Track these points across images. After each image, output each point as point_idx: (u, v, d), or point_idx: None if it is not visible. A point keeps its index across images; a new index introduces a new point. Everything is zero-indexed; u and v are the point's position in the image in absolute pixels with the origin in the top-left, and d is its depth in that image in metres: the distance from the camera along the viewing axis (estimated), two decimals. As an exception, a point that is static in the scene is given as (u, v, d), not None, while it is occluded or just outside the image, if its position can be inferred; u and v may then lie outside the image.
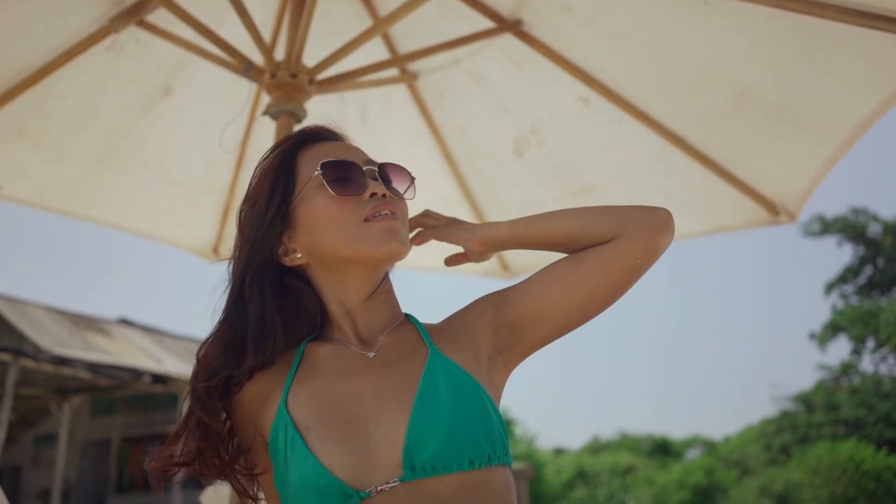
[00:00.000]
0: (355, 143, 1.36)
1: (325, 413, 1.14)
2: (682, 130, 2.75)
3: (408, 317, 1.33)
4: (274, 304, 1.24)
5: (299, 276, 1.29)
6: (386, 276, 1.30)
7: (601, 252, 1.23)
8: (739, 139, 2.67)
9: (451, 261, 1.41)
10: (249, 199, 1.30)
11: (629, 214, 1.24)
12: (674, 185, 2.99)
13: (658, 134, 2.78)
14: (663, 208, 1.25)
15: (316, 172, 1.23)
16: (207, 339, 1.23)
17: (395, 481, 1.06)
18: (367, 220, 1.20)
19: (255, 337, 1.20)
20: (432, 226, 1.38)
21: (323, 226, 1.21)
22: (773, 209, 2.76)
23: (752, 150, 2.69)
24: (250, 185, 1.32)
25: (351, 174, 1.23)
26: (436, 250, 1.49)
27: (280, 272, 1.27)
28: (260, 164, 1.32)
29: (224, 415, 1.23)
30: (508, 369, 1.28)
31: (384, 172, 1.27)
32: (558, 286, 1.23)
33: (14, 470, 17.52)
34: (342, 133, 1.36)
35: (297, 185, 1.25)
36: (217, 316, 1.25)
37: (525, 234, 1.30)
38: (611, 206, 1.27)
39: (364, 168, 1.25)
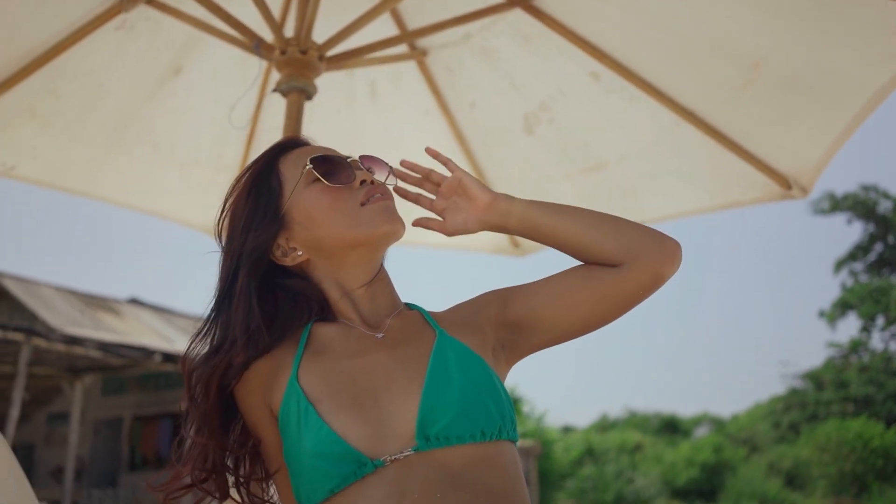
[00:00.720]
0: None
1: (337, 388, 1.17)
2: (694, 105, 2.73)
3: (410, 305, 1.37)
4: (261, 304, 1.26)
5: (294, 275, 1.32)
6: (382, 265, 1.34)
7: (607, 279, 1.25)
8: (751, 113, 2.65)
9: (420, 222, 1.38)
10: (236, 211, 1.32)
11: (640, 241, 1.25)
12: (685, 161, 2.98)
13: (669, 109, 2.76)
14: (673, 239, 1.27)
15: (307, 167, 1.28)
16: (192, 347, 1.26)
17: (409, 451, 1.09)
18: (362, 204, 1.26)
19: (244, 335, 1.22)
20: (456, 165, 1.36)
21: (322, 217, 1.26)
22: (785, 183, 2.74)
23: (765, 123, 2.67)
24: (230, 199, 1.34)
25: (338, 165, 1.29)
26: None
27: (271, 273, 1.30)
28: (237, 181, 1.35)
29: (230, 425, 1.26)
30: (509, 365, 1.33)
31: (365, 164, 1.33)
32: (563, 301, 1.27)
33: (27, 448, 17.70)
34: (313, 140, 1.41)
35: (285, 187, 1.29)
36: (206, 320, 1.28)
37: (535, 218, 1.30)
38: (623, 223, 1.28)
39: (347, 160, 1.31)
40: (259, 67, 2.90)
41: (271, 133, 3.26)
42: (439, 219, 1.36)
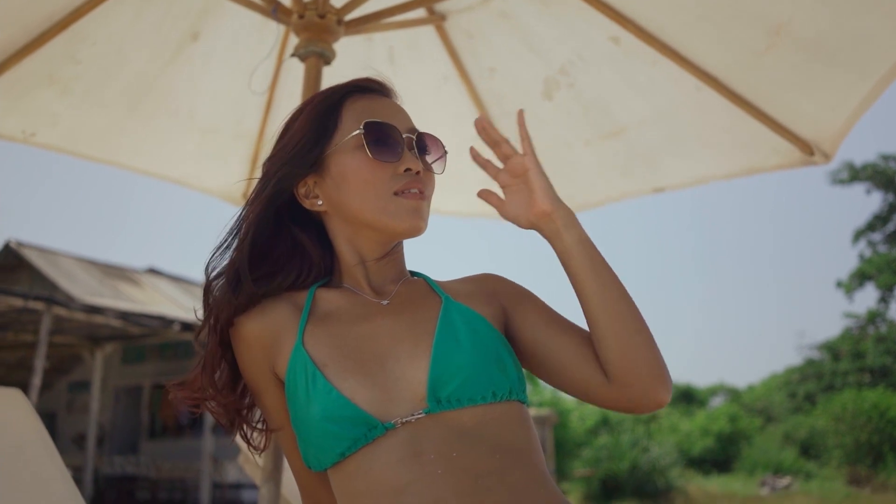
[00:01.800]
0: (401, 102, 1.36)
1: (343, 353, 1.17)
2: (716, 69, 2.70)
3: (415, 273, 1.36)
4: (259, 240, 1.27)
5: (310, 222, 1.32)
6: (400, 241, 1.33)
7: (593, 382, 1.21)
8: (774, 77, 2.62)
9: (482, 194, 1.30)
10: (285, 132, 1.32)
11: (638, 375, 1.17)
12: (706, 126, 2.95)
13: (691, 73, 2.73)
14: (666, 388, 1.19)
15: (358, 131, 1.24)
16: (213, 258, 1.28)
17: (420, 413, 1.10)
18: (396, 193, 1.23)
19: (234, 273, 1.24)
20: (532, 150, 1.25)
21: (353, 186, 1.24)
22: (807, 149, 2.71)
23: (787, 88, 2.63)
24: (287, 120, 1.33)
25: (391, 139, 1.25)
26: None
27: (290, 216, 1.31)
28: (304, 105, 1.33)
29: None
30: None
31: (422, 143, 1.28)
32: (551, 369, 1.25)
33: (50, 416, 17.99)
34: (392, 89, 1.36)
35: (338, 133, 1.27)
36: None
37: (577, 263, 1.21)
38: (640, 343, 1.19)
39: (404, 135, 1.27)
40: (277, 33, 2.89)
41: (290, 99, 3.25)
42: (500, 196, 1.27)
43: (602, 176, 3.37)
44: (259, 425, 1.27)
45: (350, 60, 3.10)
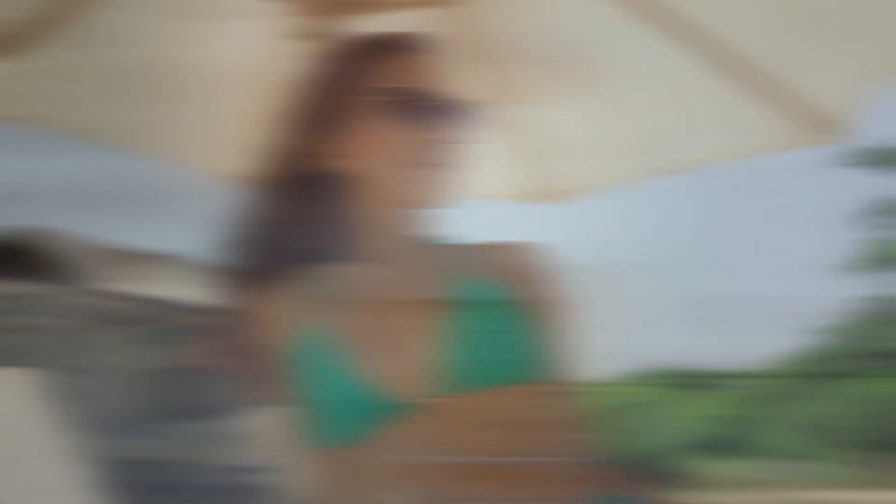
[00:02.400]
0: (441, 59, 1.31)
1: (358, 330, 1.15)
2: (727, 47, 2.68)
3: (436, 241, 1.31)
4: (271, 206, 1.24)
5: (324, 187, 1.26)
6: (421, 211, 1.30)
7: None
8: (787, 54, 2.60)
9: None
10: (303, 88, 1.27)
11: None
12: (718, 105, 2.91)
13: (702, 52, 2.71)
14: None
15: (379, 94, 1.20)
16: (227, 231, 1.27)
17: (438, 394, 1.09)
18: (412, 164, 1.19)
19: (247, 243, 1.23)
20: None
21: (368, 152, 1.20)
22: (821, 128, 2.70)
23: (800, 65, 2.62)
24: (307, 73, 1.29)
25: (413, 105, 1.20)
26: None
27: (304, 181, 1.26)
28: (326, 55, 1.31)
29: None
30: None
31: (452, 110, 1.24)
32: None
33: (58, 399, 18.11)
34: (428, 45, 1.30)
35: (359, 92, 1.22)
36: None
37: None
38: None
39: (431, 102, 1.22)
40: (279, 13, 2.88)
41: (297, 82, 3.25)
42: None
43: (611, 157, 3.36)
44: (274, 393, 1.26)
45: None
